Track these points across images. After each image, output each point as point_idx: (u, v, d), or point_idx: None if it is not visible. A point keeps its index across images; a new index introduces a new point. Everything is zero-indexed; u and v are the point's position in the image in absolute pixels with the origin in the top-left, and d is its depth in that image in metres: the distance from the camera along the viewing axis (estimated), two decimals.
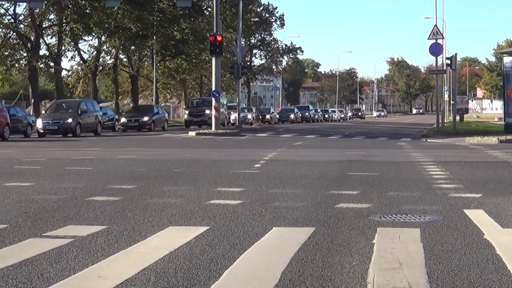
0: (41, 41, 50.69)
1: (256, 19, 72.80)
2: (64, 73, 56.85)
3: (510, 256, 5.42)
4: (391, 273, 4.87)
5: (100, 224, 6.94)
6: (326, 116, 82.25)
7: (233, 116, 53.81)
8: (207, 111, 44.61)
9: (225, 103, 52.13)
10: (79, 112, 33.68)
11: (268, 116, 60.74)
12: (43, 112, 41.02)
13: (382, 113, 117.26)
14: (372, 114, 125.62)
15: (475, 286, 4.60)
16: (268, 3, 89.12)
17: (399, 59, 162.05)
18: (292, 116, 66.90)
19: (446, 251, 5.64)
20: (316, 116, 75.63)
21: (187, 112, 49.00)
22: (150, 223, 7.06)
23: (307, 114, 72.48)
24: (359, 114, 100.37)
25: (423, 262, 5.22)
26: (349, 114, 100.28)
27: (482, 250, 5.70)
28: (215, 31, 35.46)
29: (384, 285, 4.58)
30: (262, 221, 7.17)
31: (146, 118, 41.20)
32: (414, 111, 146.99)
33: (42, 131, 32.80)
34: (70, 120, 32.82)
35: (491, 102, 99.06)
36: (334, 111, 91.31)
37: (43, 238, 6.27)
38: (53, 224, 6.97)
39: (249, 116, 55.18)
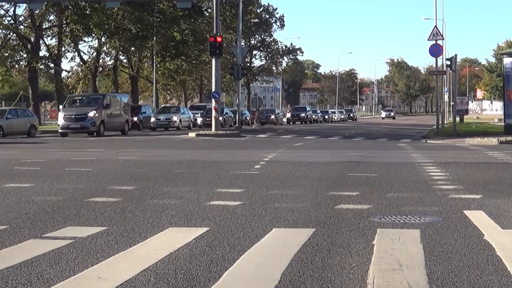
0: (41, 42, 50.76)
1: (256, 20, 72.77)
2: (64, 74, 56.98)
3: (510, 257, 5.42)
4: (391, 274, 4.87)
5: (100, 225, 6.94)
6: (326, 117, 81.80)
7: (199, 119, 49.40)
8: (92, 114, 33.23)
9: (126, 101, 39.10)
10: None
11: (220, 118, 50.78)
12: None
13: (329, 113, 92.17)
14: (372, 115, 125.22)
15: (475, 287, 4.60)
16: (268, 4, 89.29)
17: (399, 60, 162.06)
18: (272, 117, 62.70)
19: (446, 252, 5.64)
20: (315, 117, 74.62)
21: (62, 114, 34.06)
22: (150, 224, 7.06)
23: (303, 115, 70.57)
24: (351, 115, 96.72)
25: (423, 263, 5.21)
26: (384, 114, 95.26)
27: (482, 251, 5.70)
28: (215, 32, 35.47)
29: (384, 286, 4.58)
30: (262, 222, 7.17)
31: None
32: (383, 114, 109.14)
33: None
34: None
35: (491, 103, 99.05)
36: (334, 112, 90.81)
37: (43, 239, 6.27)
38: (53, 225, 6.97)
39: (175, 118, 45.53)
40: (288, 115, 72.51)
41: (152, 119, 44.22)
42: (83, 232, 6.54)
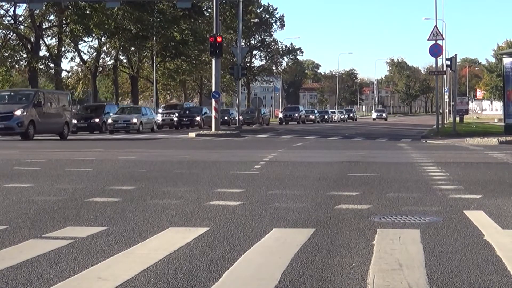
0: (41, 42, 50.77)
1: (256, 20, 72.85)
2: (64, 74, 57.07)
3: (510, 257, 5.42)
4: (391, 274, 4.87)
5: (100, 225, 6.93)
6: (326, 117, 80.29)
7: (159, 118, 46.06)
8: (18, 112, 28.46)
9: (67, 99, 33.49)
10: None
11: (198, 118, 47.64)
12: None
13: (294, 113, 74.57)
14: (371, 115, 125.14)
15: (475, 287, 4.59)
16: (268, 4, 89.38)
17: (399, 60, 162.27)
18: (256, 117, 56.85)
19: (446, 252, 5.64)
20: (312, 117, 72.58)
21: None
22: (150, 224, 7.06)
23: (296, 115, 67.41)
24: (351, 115, 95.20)
25: (423, 263, 5.21)
26: (374, 115, 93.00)
27: (482, 251, 5.70)
28: (215, 32, 35.49)
29: (384, 286, 4.57)
30: (262, 222, 7.16)
31: None
32: (373, 115, 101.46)
33: None
34: None
35: (491, 103, 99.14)
36: (334, 112, 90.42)
37: (43, 239, 6.26)
38: (53, 225, 6.97)
39: (135, 120, 40.05)
40: (280, 115, 69.69)
41: (109, 121, 39.59)
42: (83, 232, 6.54)
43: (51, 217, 7.47)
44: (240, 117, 53.94)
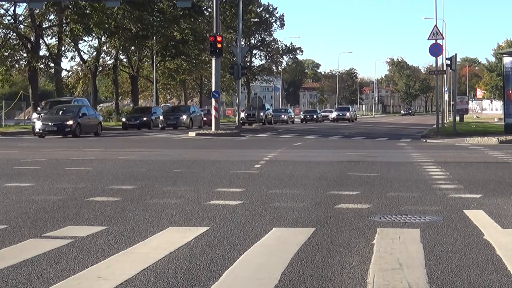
0: (41, 41, 50.76)
1: (256, 19, 72.83)
2: (64, 73, 57.07)
3: (510, 256, 5.42)
4: (391, 273, 4.87)
5: (100, 225, 6.94)
6: (315, 116, 71.94)
7: (38, 125, 31.44)
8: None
9: None
10: None
11: (70, 122, 32.00)
12: None
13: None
14: (372, 114, 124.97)
15: (475, 286, 4.60)
16: (268, 3, 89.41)
17: (399, 60, 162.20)
18: (183, 117, 45.51)
19: (446, 252, 5.64)
20: (284, 117, 63.06)
21: None
22: (150, 223, 7.06)
23: (262, 114, 55.77)
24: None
25: (423, 262, 5.21)
26: (334, 115, 77.32)
27: (482, 250, 5.70)
28: (215, 31, 35.48)
29: (384, 286, 4.58)
30: (262, 221, 7.17)
31: None
32: (333, 114, 76.53)
33: None
34: None
35: (491, 103, 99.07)
36: (331, 111, 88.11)
37: (43, 239, 6.27)
38: (53, 225, 6.97)
39: None
40: (243, 114, 56.10)
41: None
42: (83, 231, 6.54)
43: (51, 217, 7.47)
44: (160, 118, 45.51)
